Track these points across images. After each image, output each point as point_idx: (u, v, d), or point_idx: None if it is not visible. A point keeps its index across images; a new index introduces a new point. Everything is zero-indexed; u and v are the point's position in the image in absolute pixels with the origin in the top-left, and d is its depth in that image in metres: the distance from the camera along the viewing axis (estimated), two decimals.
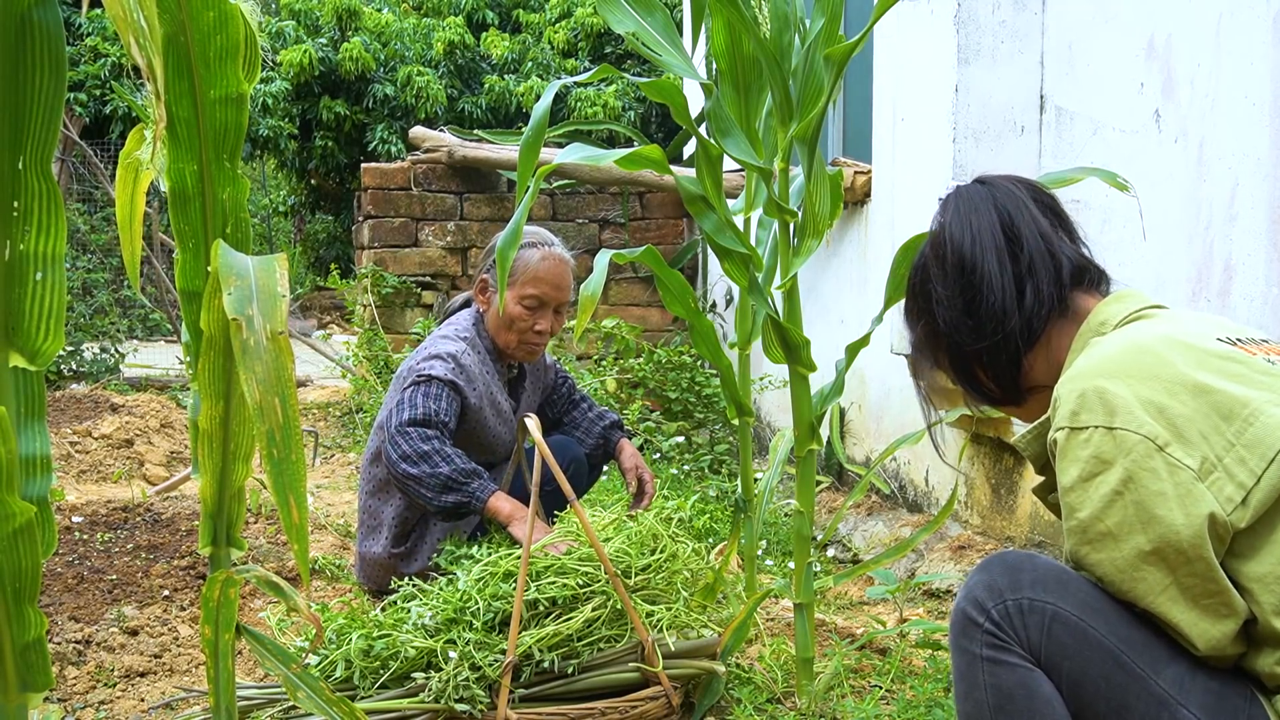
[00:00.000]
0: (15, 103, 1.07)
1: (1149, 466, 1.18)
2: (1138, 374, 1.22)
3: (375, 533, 2.64)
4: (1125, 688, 1.21)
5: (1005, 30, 3.03)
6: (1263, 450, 1.16)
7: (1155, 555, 1.18)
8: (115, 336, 6.64)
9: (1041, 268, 1.38)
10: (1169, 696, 1.19)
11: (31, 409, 1.16)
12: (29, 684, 1.17)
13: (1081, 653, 1.22)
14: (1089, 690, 1.22)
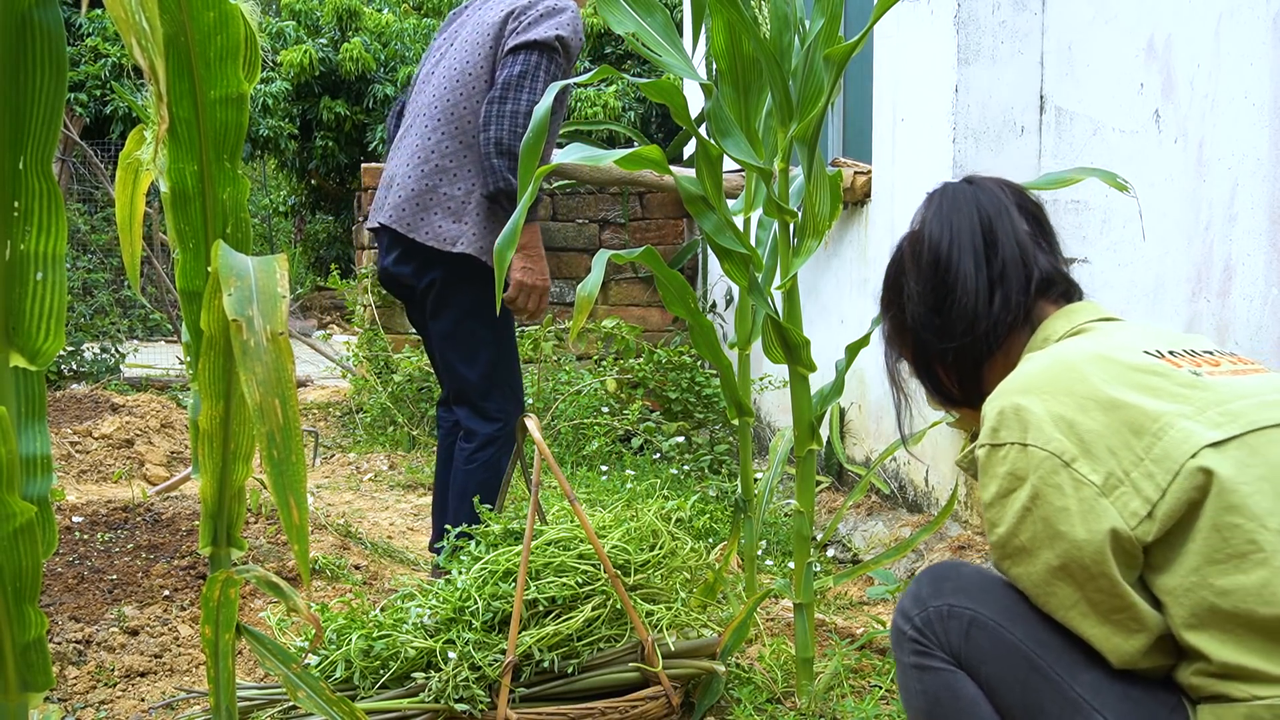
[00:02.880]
0: (16, 103, 1.08)
1: (1054, 483, 1.19)
2: (1053, 390, 1.23)
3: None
4: (1039, 690, 1.22)
5: (1005, 30, 3.03)
6: (1169, 464, 1.15)
7: (1063, 570, 1.19)
8: (115, 336, 6.65)
9: (1014, 275, 1.38)
10: (1082, 701, 1.19)
11: (32, 409, 1.16)
12: (29, 684, 1.17)
13: (998, 657, 1.24)
14: (1005, 694, 1.24)
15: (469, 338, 2.73)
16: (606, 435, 4.66)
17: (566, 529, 2.16)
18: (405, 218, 2.66)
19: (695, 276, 6.03)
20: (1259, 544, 1.10)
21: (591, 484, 4.06)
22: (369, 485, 4.53)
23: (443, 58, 2.79)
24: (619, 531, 2.17)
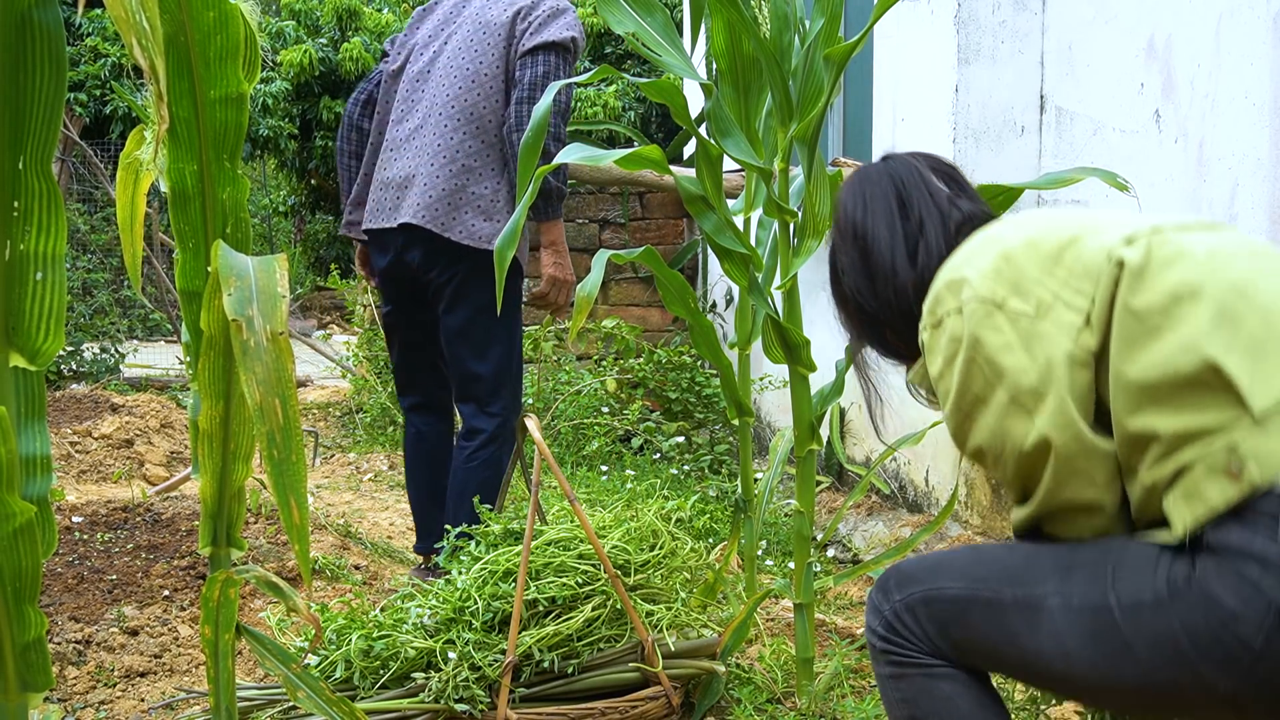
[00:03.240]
0: (15, 103, 1.08)
1: (991, 325, 1.22)
2: (978, 252, 1.30)
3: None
4: (1002, 617, 1.23)
5: (1005, 30, 3.03)
6: (1092, 272, 1.20)
7: (1014, 405, 1.21)
8: (115, 336, 6.64)
9: (930, 224, 1.43)
10: (1033, 596, 1.21)
11: (32, 409, 1.16)
12: (29, 684, 1.17)
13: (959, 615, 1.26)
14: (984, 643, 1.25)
15: (484, 334, 2.75)
16: (606, 435, 4.66)
17: (566, 529, 2.16)
18: (439, 217, 2.67)
19: (695, 276, 6.03)
20: (1171, 312, 1.13)
21: (591, 484, 4.06)
22: (369, 485, 4.53)
23: (439, 55, 2.79)
24: (619, 531, 2.17)
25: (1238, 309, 1.11)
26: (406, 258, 2.75)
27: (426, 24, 2.89)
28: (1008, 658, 1.24)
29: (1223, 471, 1.08)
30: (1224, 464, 1.08)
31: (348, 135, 2.91)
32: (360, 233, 2.89)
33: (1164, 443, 1.13)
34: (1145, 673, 1.13)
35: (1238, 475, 1.07)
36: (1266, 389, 1.08)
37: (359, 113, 2.91)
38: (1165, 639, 1.11)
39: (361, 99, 2.92)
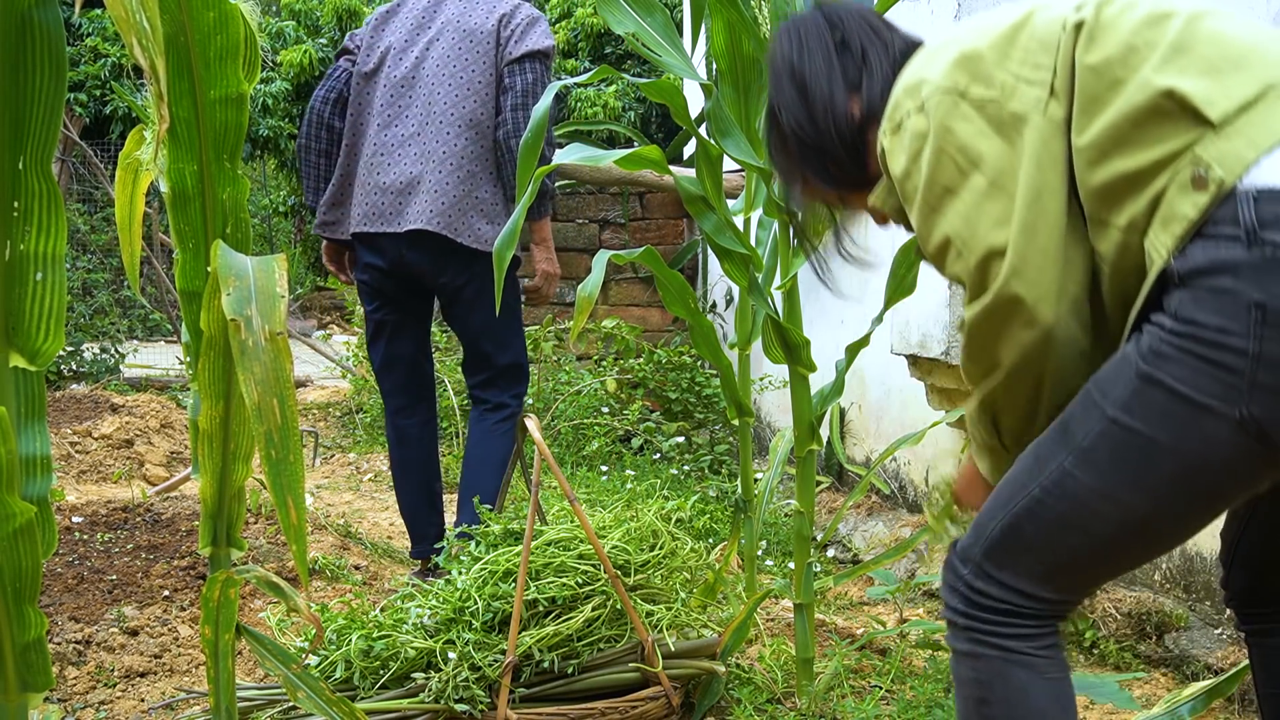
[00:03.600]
0: (15, 103, 1.08)
1: (960, 114, 1.20)
2: (931, 57, 1.28)
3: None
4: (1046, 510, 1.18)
5: None
6: (1049, 44, 1.18)
7: (994, 187, 1.18)
8: (115, 337, 6.64)
9: (873, 52, 1.40)
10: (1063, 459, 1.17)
11: (31, 409, 1.16)
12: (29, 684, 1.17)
13: (1017, 543, 1.20)
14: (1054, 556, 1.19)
15: (505, 329, 2.91)
16: (606, 435, 4.66)
17: (566, 529, 2.16)
18: (451, 222, 2.74)
19: (695, 276, 6.03)
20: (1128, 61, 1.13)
21: (591, 484, 4.06)
22: (369, 485, 4.53)
23: (423, 61, 2.83)
24: (619, 532, 2.17)
25: (1187, 42, 1.12)
26: (409, 260, 2.80)
27: (395, 26, 2.91)
28: (1080, 551, 1.17)
29: (1190, 184, 1.07)
30: (1190, 176, 1.07)
31: (317, 133, 2.90)
32: (340, 233, 2.91)
33: (1134, 179, 1.12)
34: (1178, 455, 1.09)
35: (1204, 182, 1.06)
36: (1223, 98, 1.08)
37: (329, 111, 2.91)
38: (1171, 404, 1.08)
39: (331, 97, 2.91)
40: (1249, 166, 1.05)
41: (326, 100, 2.90)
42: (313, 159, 2.92)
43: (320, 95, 2.91)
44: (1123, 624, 2.47)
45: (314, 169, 2.92)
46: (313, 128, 2.90)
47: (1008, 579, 1.21)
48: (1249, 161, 1.05)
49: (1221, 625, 2.35)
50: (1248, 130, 1.07)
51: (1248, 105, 1.08)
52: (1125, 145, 1.12)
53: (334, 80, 2.91)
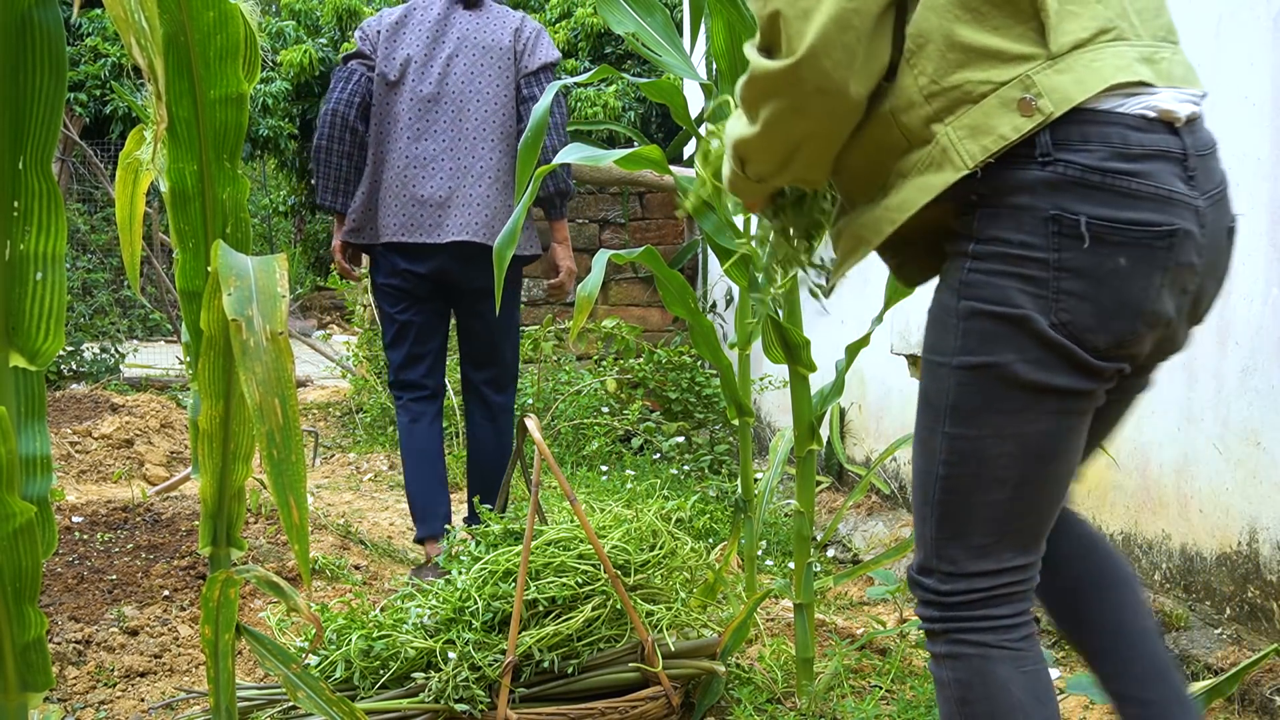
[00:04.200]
0: (15, 103, 1.08)
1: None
2: None
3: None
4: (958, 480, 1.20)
5: None
6: None
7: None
8: (115, 336, 6.64)
9: None
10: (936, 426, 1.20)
11: (31, 409, 1.16)
12: (29, 684, 1.17)
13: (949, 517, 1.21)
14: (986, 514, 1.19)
15: (513, 326, 3.20)
16: (606, 435, 4.66)
17: (566, 529, 2.16)
18: (494, 232, 2.95)
19: (695, 276, 6.03)
20: None
21: (591, 484, 4.06)
22: (369, 485, 4.53)
23: (447, 76, 2.97)
24: (619, 531, 2.17)
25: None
26: (448, 267, 3.00)
27: (411, 37, 3.01)
28: (1010, 501, 1.19)
29: (1016, 105, 1.10)
30: (1018, 98, 1.10)
31: (340, 135, 2.97)
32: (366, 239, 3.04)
33: (958, 50, 1.12)
34: (1025, 365, 1.13)
35: (1030, 109, 1.09)
36: (1068, 30, 1.11)
37: (354, 114, 2.98)
38: (996, 325, 1.14)
39: (355, 101, 2.98)
40: (1070, 98, 1.09)
41: (350, 104, 2.97)
42: (334, 160, 2.98)
43: (343, 98, 2.97)
44: None
45: (335, 170, 2.98)
46: (335, 129, 2.96)
47: (968, 567, 1.21)
48: (1073, 101, 1.09)
49: (1221, 625, 2.36)
50: (1078, 68, 1.10)
51: (1082, 44, 1.11)
52: (973, 15, 1.12)
53: (357, 84, 2.98)
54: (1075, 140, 1.10)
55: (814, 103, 1.15)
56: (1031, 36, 1.11)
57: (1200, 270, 1.16)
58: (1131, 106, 1.12)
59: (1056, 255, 1.10)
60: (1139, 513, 2.62)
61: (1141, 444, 2.60)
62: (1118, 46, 1.13)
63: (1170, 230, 1.11)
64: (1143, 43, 1.15)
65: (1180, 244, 1.12)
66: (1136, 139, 1.11)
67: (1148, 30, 1.17)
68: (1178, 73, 1.17)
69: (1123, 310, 1.11)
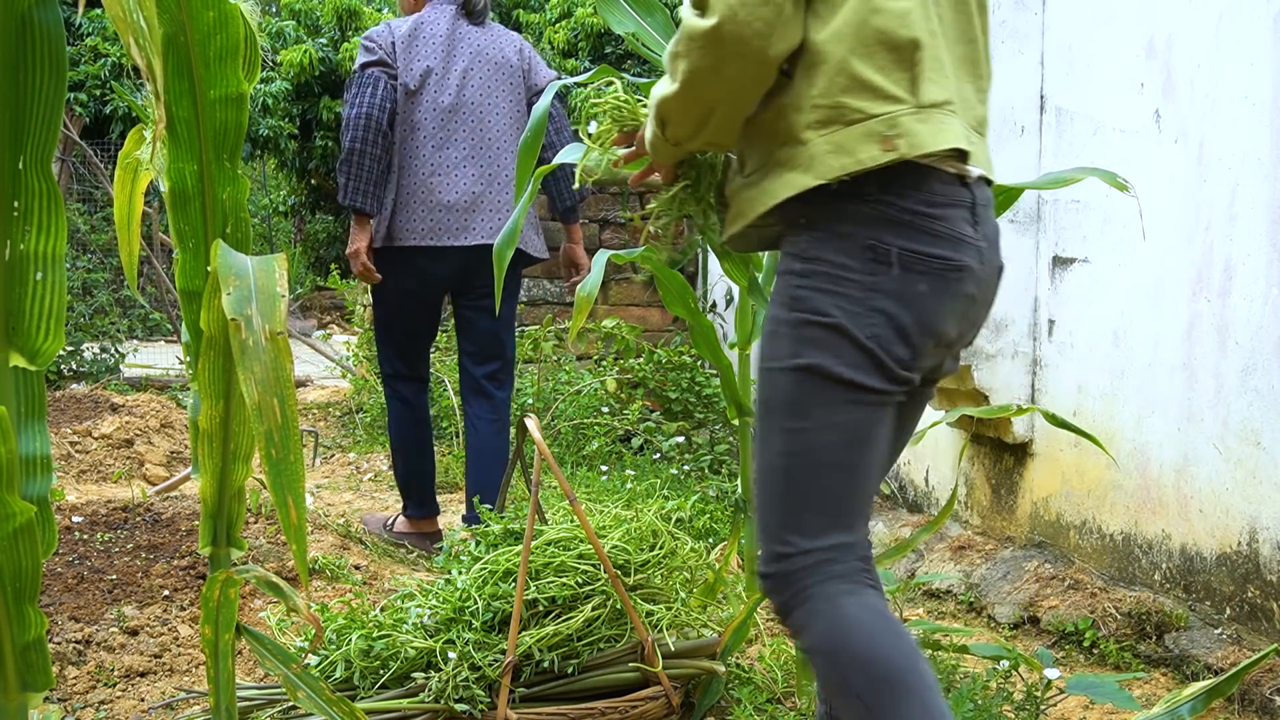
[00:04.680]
0: (15, 103, 1.08)
1: None
2: None
3: None
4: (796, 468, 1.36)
5: (1005, 30, 3.03)
6: None
7: None
8: (115, 336, 6.64)
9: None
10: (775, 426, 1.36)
11: (31, 409, 1.16)
12: (29, 684, 1.17)
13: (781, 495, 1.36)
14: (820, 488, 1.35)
15: (513, 321, 3.38)
16: (606, 435, 4.66)
17: (566, 529, 2.16)
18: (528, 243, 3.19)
19: (695, 276, 6.03)
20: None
21: (591, 484, 4.06)
22: (369, 485, 4.53)
23: (464, 88, 3.15)
24: (619, 531, 2.17)
25: (930, 15, 1.30)
26: (469, 267, 3.16)
27: (425, 48, 3.15)
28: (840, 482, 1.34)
29: (878, 139, 1.26)
30: (882, 133, 1.26)
31: (374, 139, 3.06)
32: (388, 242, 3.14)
33: (846, 76, 1.27)
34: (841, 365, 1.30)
35: (892, 146, 1.26)
36: (930, 91, 1.29)
37: (386, 120, 3.09)
38: (817, 332, 1.31)
39: (387, 107, 3.10)
40: (922, 151, 1.27)
41: (383, 109, 3.08)
42: (367, 163, 3.06)
43: (375, 102, 3.07)
44: (1123, 624, 2.47)
45: (368, 172, 3.07)
46: (370, 133, 3.05)
47: (804, 545, 1.34)
48: (926, 149, 1.27)
49: (1221, 625, 2.36)
50: (934, 123, 1.28)
51: (938, 105, 1.30)
52: (865, 47, 1.27)
53: (386, 91, 3.09)
54: (894, 184, 1.28)
55: (730, 65, 1.27)
56: (905, 84, 1.28)
57: (977, 300, 1.37)
58: (938, 162, 1.30)
59: (871, 278, 1.28)
60: (1139, 513, 2.62)
61: (1141, 444, 2.60)
62: (954, 121, 1.31)
63: (960, 265, 1.31)
64: (966, 127, 1.34)
65: (966, 277, 1.32)
66: (941, 189, 1.30)
67: (968, 117, 1.36)
68: (983, 158, 1.37)
69: (920, 328, 1.31)
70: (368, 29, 3.27)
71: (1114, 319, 2.71)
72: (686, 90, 1.32)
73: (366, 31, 3.25)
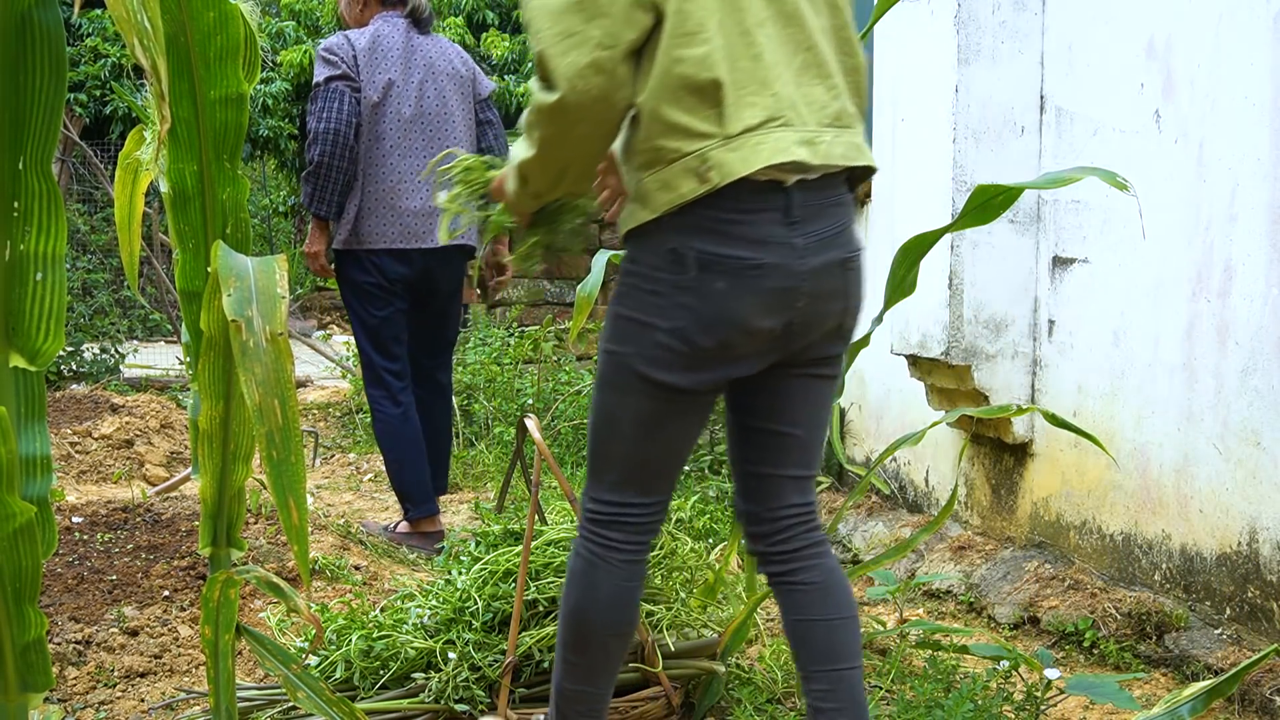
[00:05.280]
0: (15, 103, 1.08)
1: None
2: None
3: None
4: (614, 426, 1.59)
5: (1005, 30, 3.03)
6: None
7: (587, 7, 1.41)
8: (115, 337, 6.64)
9: None
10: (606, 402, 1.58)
11: (32, 409, 1.16)
12: (29, 684, 1.17)
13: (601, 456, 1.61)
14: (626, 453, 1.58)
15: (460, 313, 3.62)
16: None
17: (566, 529, 2.16)
18: (473, 237, 3.35)
19: None
20: (705, 26, 1.41)
21: None
22: (369, 485, 4.53)
23: (422, 100, 3.32)
24: None
25: (746, 45, 1.44)
26: (432, 267, 3.34)
27: (384, 61, 3.30)
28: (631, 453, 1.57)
29: (695, 173, 1.42)
30: (696, 168, 1.42)
31: (342, 153, 3.23)
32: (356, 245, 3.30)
33: (660, 122, 1.43)
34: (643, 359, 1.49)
35: (706, 178, 1.41)
36: (742, 117, 1.42)
37: (353, 135, 3.25)
38: (631, 326, 1.50)
39: (354, 122, 3.25)
40: (734, 178, 1.41)
41: (350, 124, 3.23)
42: (334, 175, 3.23)
43: (342, 118, 3.22)
44: (1123, 624, 2.47)
45: (334, 185, 3.24)
46: (338, 148, 3.21)
47: (603, 495, 1.60)
48: (737, 174, 1.41)
49: (1221, 625, 2.36)
50: (745, 149, 1.42)
51: (752, 129, 1.42)
52: (674, 94, 1.42)
53: (351, 105, 3.23)
54: (709, 199, 1.42)
55: (576, 129, 1.46)
56: (713, 119, 1.42)
57: (806, 293, 1.48)
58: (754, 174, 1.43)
59: (675, 278, 1.45)
60: (1139, 513, 2.62)
61: (1141, 444, 2.60)
62: (781, 132, 1.44)
63: (759, 264, 1.44)
64: (808, 129, 1.46)
65: (769, 273, 1.45)
66: (750, 197, 1.43)
67: (815, 119, 1.47)
68: (837, 152, 1.48)
69: (721, 321, 1.45)
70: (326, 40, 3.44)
71: (1114, 319, 2.71)
72: (543, 154, 1.50)
73: (324, 43, 3.35)
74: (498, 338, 5.58)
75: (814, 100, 1.49)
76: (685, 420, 1.57)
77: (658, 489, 1.62)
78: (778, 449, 1.64)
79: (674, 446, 1.59)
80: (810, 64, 1.50)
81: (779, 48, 1.47)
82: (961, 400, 3.16)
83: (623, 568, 1.60)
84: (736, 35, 1.44)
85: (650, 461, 1.59)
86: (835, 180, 1.52)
